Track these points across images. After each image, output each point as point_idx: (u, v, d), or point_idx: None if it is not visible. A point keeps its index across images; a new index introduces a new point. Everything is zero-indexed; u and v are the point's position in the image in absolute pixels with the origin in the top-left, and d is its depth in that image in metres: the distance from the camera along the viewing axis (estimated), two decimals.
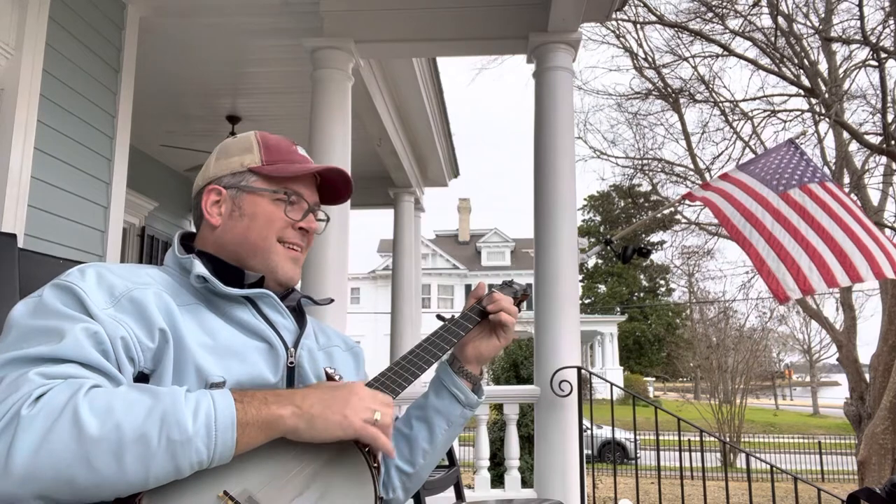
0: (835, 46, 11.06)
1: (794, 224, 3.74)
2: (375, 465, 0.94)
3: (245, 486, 0.84)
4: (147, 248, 6.82)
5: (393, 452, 0.95)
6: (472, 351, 1.19)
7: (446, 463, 3.47)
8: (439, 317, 1.20)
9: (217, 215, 1.08)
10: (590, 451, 11.61)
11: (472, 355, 1.19)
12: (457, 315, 1.19)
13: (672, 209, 12.96)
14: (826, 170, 11.11)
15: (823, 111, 10.65)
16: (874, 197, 11.40)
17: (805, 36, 11.18)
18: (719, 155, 12.16)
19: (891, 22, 9.64)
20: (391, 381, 1.04)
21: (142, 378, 0.90)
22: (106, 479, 0.75)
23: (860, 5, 9.55)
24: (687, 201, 6.28)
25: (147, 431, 0.77)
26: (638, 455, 12.34)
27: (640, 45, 12.48)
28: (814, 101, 11.02)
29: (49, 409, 0.75)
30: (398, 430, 1.19)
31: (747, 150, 11.55)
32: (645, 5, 11.63)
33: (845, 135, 10.93)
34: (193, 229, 1.15)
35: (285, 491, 0.85)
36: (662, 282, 38.98)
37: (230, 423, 0.81)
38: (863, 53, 10.23)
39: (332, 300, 1.24)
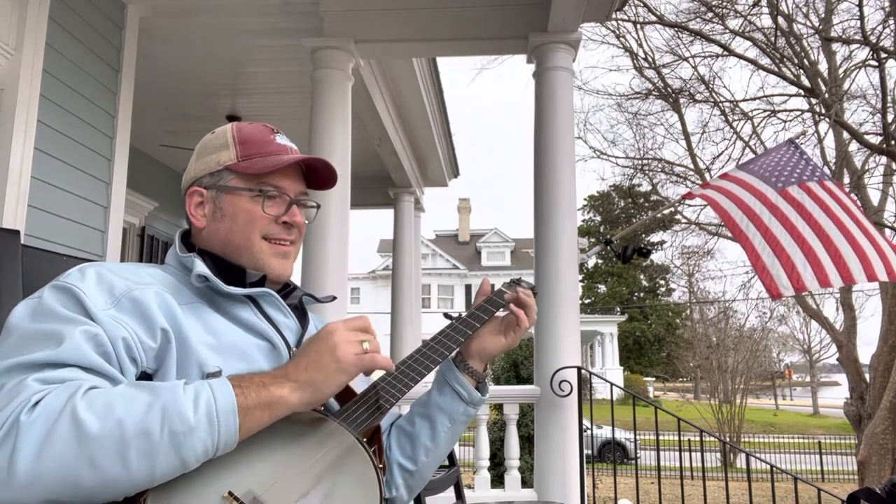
0: (835, 46, 11.07)
1: (792, 221, 3.74)
2: (381, 465, 0.93)
3: (250, 486, 0.84)
4: (147, 248, 6.81)
5: (393, 366, 0.96)
6: (475, 347, 1.18)
7: (446, 463, 3.46)
8: (447, 315, 1.18)
9: (202, 217, 1.07)
10: (590, 451, 11.61)
11: (476, 351, 1.18)
12: (464, 314, 1.17)
13: (672, 209, 12.96)
14: (826, 169, 11.11)
15: (823, 111, 10.65)
16: (874, 197, 11.42)
17: (805, 36, 11.20)
18: (719, 155, 12.19)
19: (891, 22, 9.65)
20: (398, 379, 1.03)
21: (145, 378, 0.89)
22: (111, 477, 0.75)
23: (860, 5, 9.56)
24: (687, 201, 6.29)
25: (149, 426, 0.76)
26: (638, 455, 12.34)
27: (640, 45, 12.50)
28: (814, 101, 11.02)
29: (47, 413, 0.74)
30: (401, 428, 1.18)
31: (747, 150, 11.57)
32: (645, 5, 11.64)
33: (845, 135, 10.93)
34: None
35: (290, 491, 0.85)
36: (662, 282, 39.00)
37: (231, 410, 0.81)
38: (863, 53, 10.25)
39: (334, 297, 1.23)
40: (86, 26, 3.52)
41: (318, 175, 1.14)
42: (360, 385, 1.02)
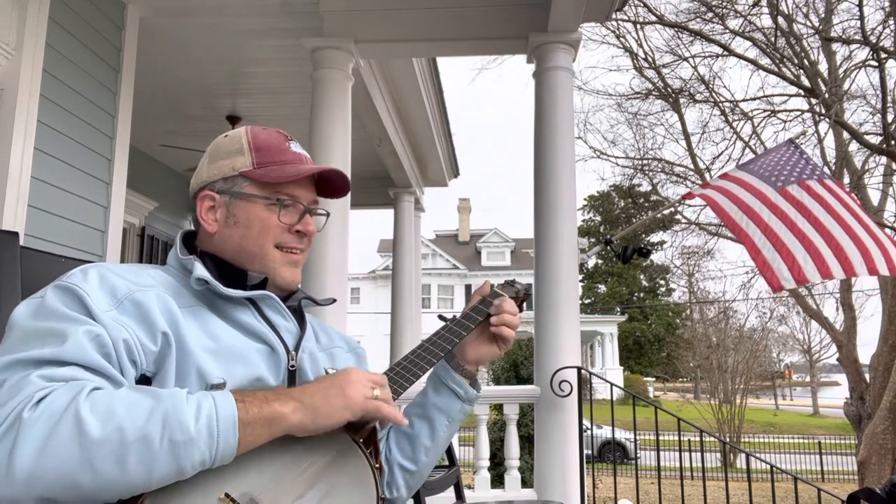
0: (835, 46, 11.07)
1: (791, 217, 3.75)
2: (377, 465, 0.94)
3: (246, 487, 0.84)
4: (147, 248, 6.81)
5: (404, 420, 0.96)
6: (472, 353, 1.20)
7: (446, 463, 3.47)
8: (441, 317, 1.20)
9: (213, 222, 1.06)
10: (590, 451, 11.61)
11: (473, 357, 1.20)
12: (458, 315, 1.19)
13: (672, 209, 12.97)
14: (826, 169, 11.11)
15: (823, 111, 10.66)
16: (874, 197, 11.43)
17: (805, 36, 11.20)
18: (719, 155, 12.20)
19: (891, 22, 9.65)
20: (393, 381, 1.04)
21: (144, 381, 0.90)
22: (109, 481, 0.76)
23: (860, 5, 9.56)
24: (687, 201, 6.29)
25: (149, 433, 0.77)
26: (638, 455, 12.35)
27: (640, 45, 12.50)
28: (814, 101, 11.03)
29: (50, 412, 0.75)
30: (399, 430, 1.19)
31: (747, 150, 11.58)
32: (645, 5, 11.63)
33: (845, 135, 10.94)
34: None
35: (287, 492, 0.85)
36: (662, 282, 39.02)
37: (232, 423, 0.81)
38: (863, 53, 10.26)
39: (334, 300, 1.24)
40: (86, 26, 3.52)
41: (330, 184, 1.14)
42: None
